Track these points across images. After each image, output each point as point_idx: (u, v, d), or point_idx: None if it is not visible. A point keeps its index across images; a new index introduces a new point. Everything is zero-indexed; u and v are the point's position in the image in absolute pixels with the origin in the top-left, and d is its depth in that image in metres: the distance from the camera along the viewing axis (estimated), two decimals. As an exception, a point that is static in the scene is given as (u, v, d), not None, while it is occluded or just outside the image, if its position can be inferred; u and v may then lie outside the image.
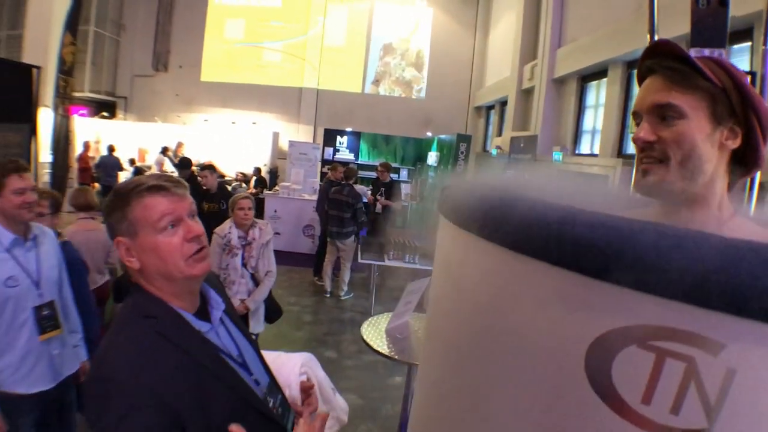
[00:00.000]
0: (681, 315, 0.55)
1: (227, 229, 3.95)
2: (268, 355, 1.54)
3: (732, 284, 0.52)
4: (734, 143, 0.92)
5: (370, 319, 3.49)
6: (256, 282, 4.00)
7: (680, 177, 0.91)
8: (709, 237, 0.57)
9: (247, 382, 1.28)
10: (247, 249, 3.95)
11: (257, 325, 4.09)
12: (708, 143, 0.91)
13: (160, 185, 1.20)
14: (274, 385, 1.42)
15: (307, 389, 1.56)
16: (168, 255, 1.18)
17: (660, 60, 0.94)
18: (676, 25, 4.57)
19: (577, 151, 8.52)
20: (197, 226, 1.24)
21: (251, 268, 3.97)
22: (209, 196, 5.94)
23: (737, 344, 0.54)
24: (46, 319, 2.32)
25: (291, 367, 1.62)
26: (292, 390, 1.53)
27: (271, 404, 1.34)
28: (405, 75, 16.15)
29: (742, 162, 0.96)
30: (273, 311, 4.25)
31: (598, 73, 7.84)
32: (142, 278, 1.23)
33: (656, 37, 2.83)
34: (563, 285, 0.64)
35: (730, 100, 0.90)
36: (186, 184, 1.28)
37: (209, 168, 6.17)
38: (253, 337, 1.49)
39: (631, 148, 6.80)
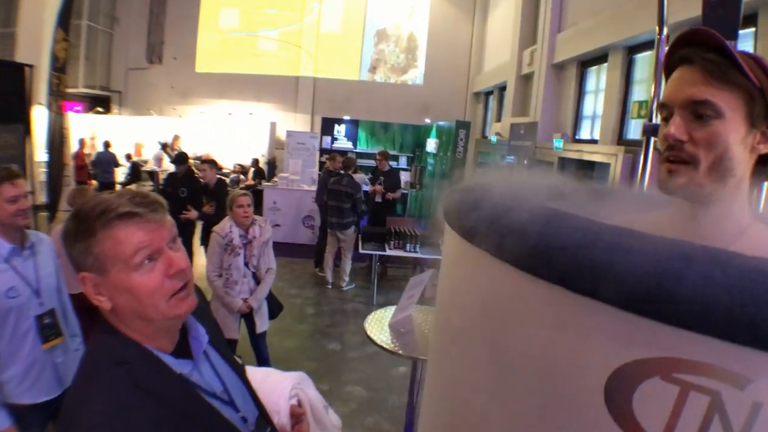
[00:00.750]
0: (707, 348, 0.53)
1: (227, 228, 3.89)
2: (257, 374, 1.46)
3: (759, 318, 0.50)
4: (766, 147, 0.88)
5: (373, 314, 3.48)
6: (258, 280, 4.00)
7: (709, 180, 0.87)
8: (734, 263, 0.55)
9: (233, 423, 1.15)
10: (248, 248, 3.92)
11: (263, 323, 4.10)
12: (741, 146, 0.86)
13: (133, 212, 1.01)
14: (262, 419, 1.31)
15: (297, 415, 1.51)
16: (146, 296, 1.01)
17: (698, 50, 0.87)
18: (681, 11, 4.53)
19: (577, 137, 8.47)
20: (179, 258, 1.06)
21: (253, 266, 3.96)
22: (209, 191, 5.93)
23: (765, 379, 0.52)
24: (48, 328, 2.31)
25: (281, 392, 1.56)
26: (281, 416, 1.50)
27: None
28: (399, 61, 16.03)
29: (765, 165, 0.91)
30: (274, 306, 4.26)
31: (599, 58, 7.77)
32: (115, 318, 1.05)
33: (665, 24, 2.76)
34: (583, 312, 0.62)
35: (766, 101, 0.86)
36: (164, 203, 1.10)
37: (209, 162, 6.15)
38: (239, 361, 1.37)
39: (632, 134, 6.77)
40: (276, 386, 1.57)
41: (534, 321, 0.70)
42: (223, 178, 8.46)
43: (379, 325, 3.28)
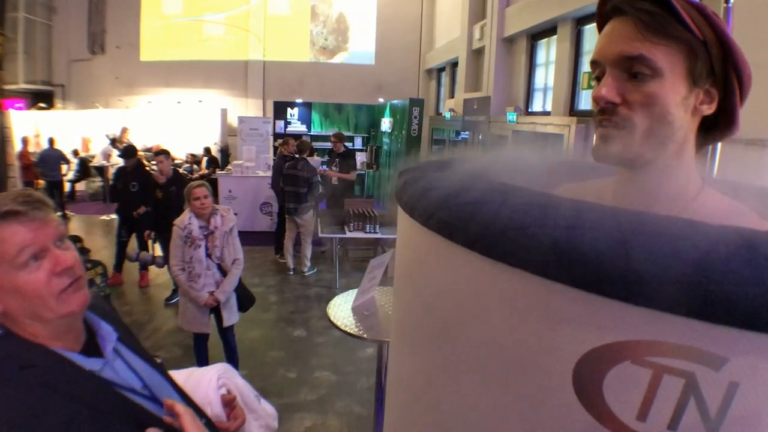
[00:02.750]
0: (680, 329, 0.50)
1: (186, 220, 3.77)
2: (179, 375, 1.42)
3: (733, 294, 0.47)
4: (710, 108, 0.79)
5: (335, 298, 3.43)
6: (224, 272, 3.88)
7: (647, 146, 0.78)
8: (706, 238, 0.51)
9: (159, 417, 1.12)
10: (209, 239, 3.80)
11: (231, 316, 3.98)
12: (681, 108, 0.77)
13: (15, 210, 0.98)
14: (195, 412, 1.25)
15: (229, 402, 1.49)
16: (34, 295, 0.98)
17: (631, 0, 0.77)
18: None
19: (529, 110, 8.54)
20: (66, 256, 1.04)
21: (216, 258, 3.83)
22: (164, 185, 5.75)
23: (741, 357, 0.49)
24: None
25: (207, 383, 1.52)
26: (213, 407, 1.46)
27: None
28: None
29: (712, 126, 0.83)
30: (245, 299, 4.13)
31: (548, 30, 7.82)
32: (10, 322, 1.02)
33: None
34: (547, 296, 0.58)
35: (710, 56, 0.76)
36: (50, 202, 1.07)
37: (163, 153, 5.95)
38: (158, 361, 1.33)
39: (583, 105, 6.86)
40: (201, 380, 1.52)
41: (493, 306, 0.65)
42: (178, 168, 8.25)
43: (342, 310, 3.24)
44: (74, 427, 0.95)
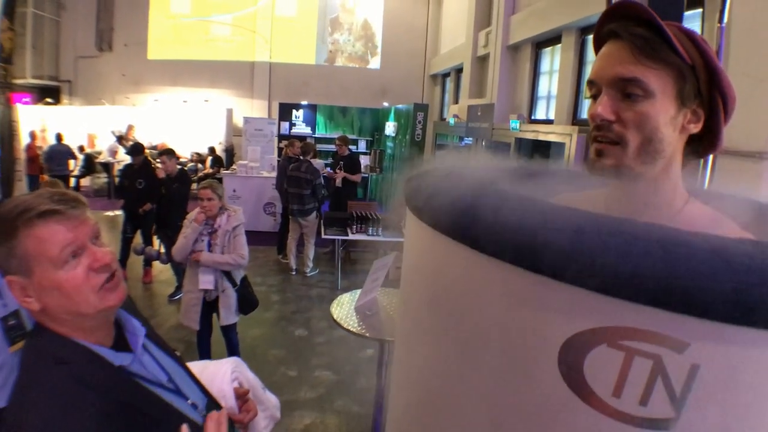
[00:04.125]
0: (648, 317, 0.59)
1: (196, 215, 3.89)
2: (195, 367, 1.46)
3: (695, 288, 0.56)
4: (696, 127, 0.87)
5: (338, 298, 3.51)
6: (224, 271, 3.94)
7: (638, 161, 0.84)
8: (673, 241, 0.60)
9: (183, 411, 1.17)
10: (213, 236, 3.91)
11: (229, 315, 3.98)
12: (670, 126, 0.84)
13: (54, 209, 1.00)
14: (212, 404, 1.33)
15: (242, 395, 1.53)
16: (74, 292, 1.01)
17: (626, 24, 0.84)
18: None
19: (533, 117, 8.62)
20: (104, 252, 1.06)
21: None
22: (166, 182, 5.81)
23: (700, 343, 0.58)
24: (14, 330, 2.25)
25: (222, 376, 1.57)
26: (227, 400, 1.51)
27: None
28: (356, 50, 15.91)
29: (698, 144, 0.90)
30: (246, 303, 4.12)
31: (552, 39, 7.90)
32: (46, 319, 1.04)
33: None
34: (535, 288, 0.67)
35: (697, 79, 0.83)
36: (84, 200, 1.09)
37: (168, 153, 6.01)
38: (177, 354, 1.37)
39: (585, 114, 6.92)
40: (216, 373, 1.57)
41: (491, 297, 0.75)
42: (183, 167, 8.31)
43: (344, 309, 3.31)
44: (107, 423, 0.97)
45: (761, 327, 0.56)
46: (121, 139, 12.00)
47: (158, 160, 6.00)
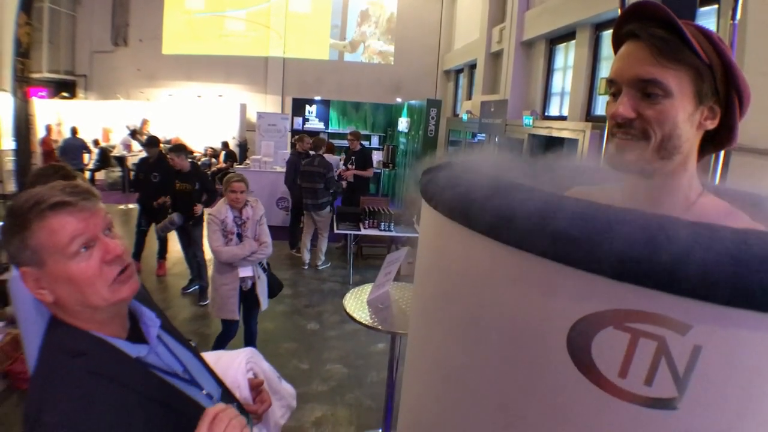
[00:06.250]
0: (653, 300, 0.62)
1: (224, 211, 3.98)
2: (209, 357, 1.47)
3: (698, 272, 0.59)
4: (712, 124, 0.90)
5: (351, 291, 3.55)
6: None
7: (658, 157, 0.88)
8: (680, 228, 0.63)
9: (199, 401, 1.18)
10: (242, 228, 4.03)
11: (265, 300, 4.22)
12: (688, 123, 0.87)
13: (65, 201, 1.01)
14: (227, 394, 1.35)
15: (256, 386, 1.55)
16: (86, 284, 1.01)
17: (645, 24, 0.86)
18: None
19: (546, 114, 8.60)
20: (116, 244, 1.06)
21: None
22: (182, 175, 5.85)
23: (703, 325, 0.61)
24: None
25: (237, 367, 1.58)
26: (242, 391, 1.52)
27: None
28: (380, 46, 15.90)
29: (713, 139, 0.94)
30: (277, 285, 4.38)
31: (567, 35, 7.87)
32: (60, 311, 1.05)
33: (626, 3, 2.82)
34: (546, 273, 0.71)
35: (714, 78, 0.86)
36: (97, 192, 1.09)
37: (176, 150, 6.01)
38: (193, 344, 1.39)
39: (599, 110, 6.90)
40: (231, 364, 1.59)
41: (504, 283, 0.78)
42: (195, 161, 8.37)
43: (357, 303, 3.35)
44: (124, 414, 0.98)
45: (761, 311, 0.59)
46: (135, 133, 12.12)
47: (169, 156, 6.03)
